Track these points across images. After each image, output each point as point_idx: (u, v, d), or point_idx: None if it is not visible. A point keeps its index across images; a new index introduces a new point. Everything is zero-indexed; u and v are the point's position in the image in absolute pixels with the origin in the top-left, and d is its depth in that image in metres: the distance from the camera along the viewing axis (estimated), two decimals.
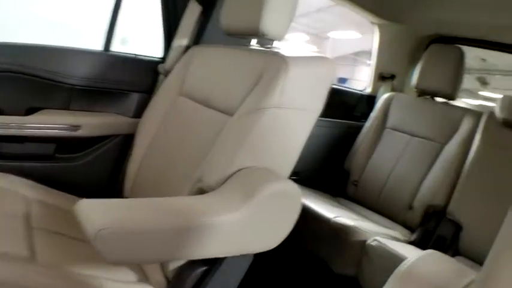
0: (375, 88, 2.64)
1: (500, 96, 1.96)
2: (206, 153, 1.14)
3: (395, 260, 1.42)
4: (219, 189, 1.02)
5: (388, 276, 1.42)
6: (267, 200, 0.97)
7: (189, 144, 1.25)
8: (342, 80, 13.81)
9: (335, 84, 2.70)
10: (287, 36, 1.26)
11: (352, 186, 2.25)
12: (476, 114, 2.06)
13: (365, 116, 2.56)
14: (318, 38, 10.16)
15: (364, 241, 1.55)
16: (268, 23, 1.19)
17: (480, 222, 1.79)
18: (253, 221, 0.97)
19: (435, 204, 1.94)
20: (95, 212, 0.81)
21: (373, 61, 2.62)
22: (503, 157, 1.85)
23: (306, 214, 1.70)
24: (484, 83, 9.20)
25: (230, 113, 1.17)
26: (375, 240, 1.51)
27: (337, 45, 10.27)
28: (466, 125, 2.03)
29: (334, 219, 1.63)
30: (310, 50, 10.92)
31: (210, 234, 0.91)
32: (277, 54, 1.16)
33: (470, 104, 7.24)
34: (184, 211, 0.90)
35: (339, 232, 1.60)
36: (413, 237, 1.92)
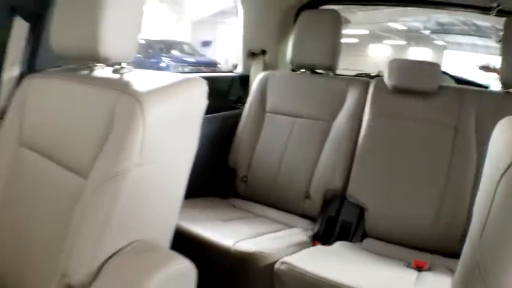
0: (246, 67, 2.43)
1: (366, 32, 1.85)
2: (65, 233, 0.87)
3: (310, 280, 1.28)
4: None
5: None
6: None
7: (42, 220, 0.96)
8: (206, 43, 13.47)
9: (200, 72, 2.46)
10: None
11: (241, 184, 2.02)
12: (362, 83, 1.92)
13: (241, 100, 2.37)
14: (174, 4, 9.66)
15: (272, 265, 1.38)
16: (110, 46, 0.93)
17: (383, 200, 1.71)
18: None
19: (333, 188, 1.82)
20: None
21: (240, 37, 2.37)
22: (396, 127, 1.77)
23: (203, 244, 1.48)
24: (345, 21, 9.61)
25: (83, 175, 0.89)
26: (284, 263, 1.35)
27: (194, 8, 9.91)
28: (352, 97, 1.90)
29: (234, 247, 1.43)
30: (168, 18, 10.41)
31: None
32: (128, 88, 0.88)
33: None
34: None
35: (243, 262, 1.40)
36: (316, 227, 1.81)
